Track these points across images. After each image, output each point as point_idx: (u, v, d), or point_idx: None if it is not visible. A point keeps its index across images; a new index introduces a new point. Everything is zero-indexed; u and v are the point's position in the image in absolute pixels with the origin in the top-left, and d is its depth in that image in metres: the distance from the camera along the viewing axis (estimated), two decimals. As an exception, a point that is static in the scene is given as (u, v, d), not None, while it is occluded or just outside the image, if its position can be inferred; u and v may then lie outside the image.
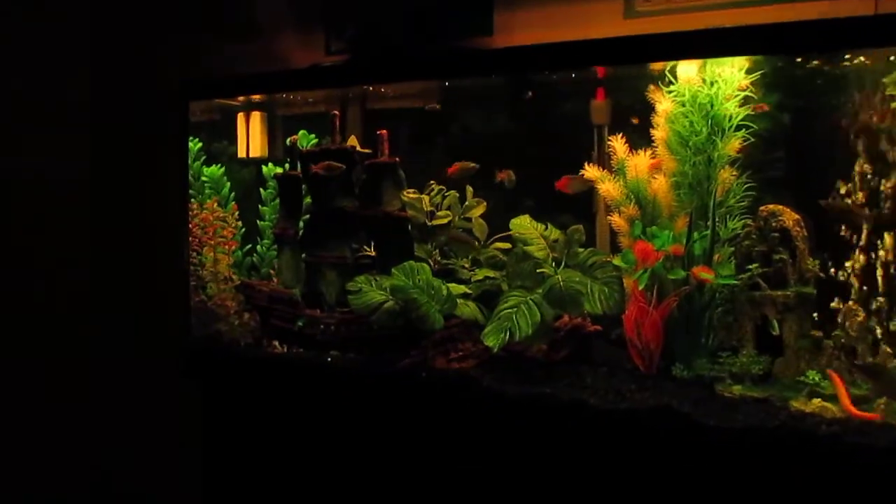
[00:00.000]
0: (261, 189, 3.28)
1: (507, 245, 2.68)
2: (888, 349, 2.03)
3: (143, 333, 3.43)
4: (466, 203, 2.77)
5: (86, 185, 3.39)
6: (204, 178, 3.22)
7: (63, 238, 3.34)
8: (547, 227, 2.55)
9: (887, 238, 2.06)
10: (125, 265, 3.49)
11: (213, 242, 3.15)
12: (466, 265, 2.76)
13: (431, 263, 2.69)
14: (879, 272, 2.09)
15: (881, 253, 2.09)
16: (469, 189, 2.78)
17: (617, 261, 2.39)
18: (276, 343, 2.87)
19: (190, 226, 3.12)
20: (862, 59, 2.18)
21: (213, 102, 3.28)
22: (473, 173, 2.75)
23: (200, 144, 3.24)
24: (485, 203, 2.76)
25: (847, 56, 2.19)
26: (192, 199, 3.18)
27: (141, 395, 3.44)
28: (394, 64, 2.69)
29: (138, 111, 3.48)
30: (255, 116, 3.26)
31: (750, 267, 2.27)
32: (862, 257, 2.14)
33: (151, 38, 3.47)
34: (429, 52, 2.73)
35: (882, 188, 2.10)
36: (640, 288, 2.29)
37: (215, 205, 3.18)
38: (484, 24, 2.77)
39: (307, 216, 2.98)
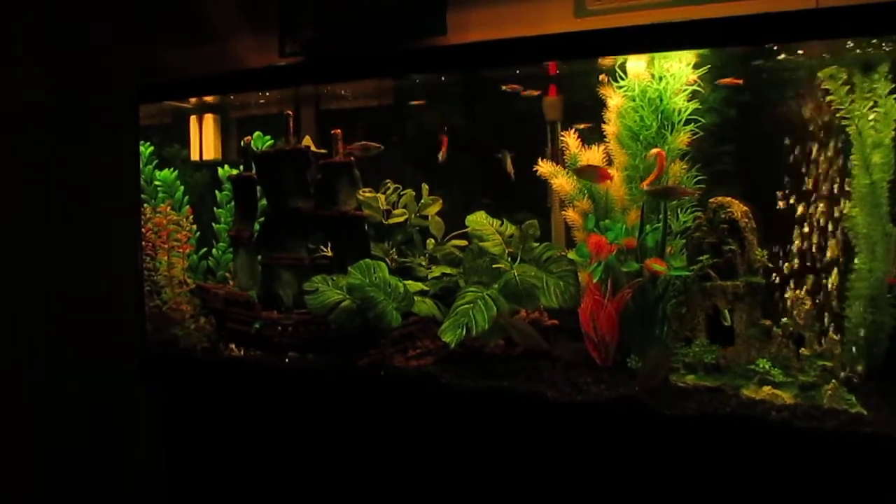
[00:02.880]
0: (216, 192, 3.24)
1: (464, 242, 2.69)
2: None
3: (98, 340, 3.35)
4: (422, 201, 2.77)
5: (38, 191, 3.32)
6: (157, 183, 3.18)
7: (15, 246, 3.26)
8: (503, 223, 2.56)
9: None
10: (78, 272, 3.41)
11: (167, 246, 3.10)
12: (423, 262, 2.76)
13: (388, 262, 2.69)
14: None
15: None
16: (425, 187, 2.78)
17: (572, 254, 2.41)
18: (233, 346, 2.84)
19: (143, 230, 3.07)
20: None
21: (166, 106, 3.23)
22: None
23: (152, 148, 3.19)
24: (441, 200, 2.76)
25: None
26: (146, 204, 3.13)
27: (98, 402, 3.38)
28: (347, 62, 2.68)
29: (91, 115, 3.41)
30: (209, 119, 3.23)
31: (701, 258, 2.30)
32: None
33: (105, 42, 3.41)
34: (381, 51, 2.73)
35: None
36: (595, 281, 2.32)
37: (168, 208, 3.13)
38: (437, 25, 2.80)
39: (262, 218, 2.95)
